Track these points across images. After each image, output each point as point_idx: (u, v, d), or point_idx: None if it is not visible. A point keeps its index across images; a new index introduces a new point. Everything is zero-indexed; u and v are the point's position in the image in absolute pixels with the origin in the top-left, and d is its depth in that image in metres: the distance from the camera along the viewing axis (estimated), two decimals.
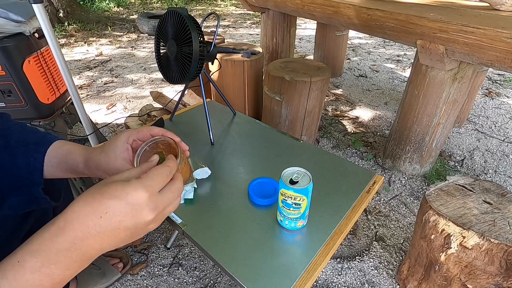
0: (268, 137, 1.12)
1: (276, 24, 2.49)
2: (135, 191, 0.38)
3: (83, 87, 2.67)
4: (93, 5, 5.76)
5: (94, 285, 1.05)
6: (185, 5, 6.54)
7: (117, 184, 0.39)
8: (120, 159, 0.56)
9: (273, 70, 1.62)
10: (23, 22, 1.19)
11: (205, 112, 1.07)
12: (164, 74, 1.04)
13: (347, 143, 1.93)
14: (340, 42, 2.70)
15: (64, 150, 0.60)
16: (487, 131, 2.08)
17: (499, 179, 1.66)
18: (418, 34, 1.30)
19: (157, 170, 0.42)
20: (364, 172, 0.95)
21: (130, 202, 0.38)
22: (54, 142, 0.61)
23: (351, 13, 1.59)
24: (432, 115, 1.45)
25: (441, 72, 1.34)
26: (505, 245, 0.79)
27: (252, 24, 5.00)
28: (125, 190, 0.38)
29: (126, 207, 0.38)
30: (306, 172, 0.70)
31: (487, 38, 1.09)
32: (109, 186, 0.38)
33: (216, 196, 0.85)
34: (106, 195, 0.37)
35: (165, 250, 1.23)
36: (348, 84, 2.77)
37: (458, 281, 0.91)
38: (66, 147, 0.61)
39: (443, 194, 0.97)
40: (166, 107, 1.66)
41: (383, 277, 1.15)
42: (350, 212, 0.81)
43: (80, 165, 0.58)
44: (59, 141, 0.62)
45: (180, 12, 0.90)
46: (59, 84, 1.41)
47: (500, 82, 2.80)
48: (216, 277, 1.13)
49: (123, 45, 3.83)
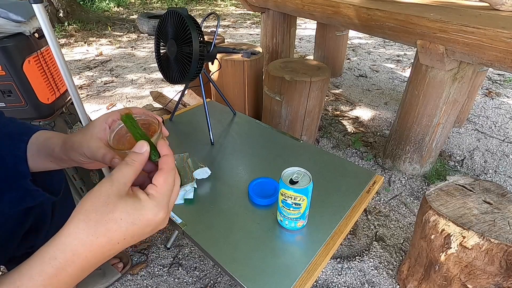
0: (268, 137, 1.12)
1: (276, 24, 2.49)
2: (155, 216, 0.38)
3: (83, 87, 2.67)
4: (93, 5, 5.76)
5: (94, 285, 1.05)
6: (185, 5, 6.54)
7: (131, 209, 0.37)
8: (96, 138, 0.52)
9: (273, 70, 1.62)
10: (23, 22, 1.19)
11: (205, 112, 1.07)
12: (164, 74, 1.04)
13: (347, 143, 1.93)
14: (340, 42, 2.70)
15: (43, 137, 0.59)
16: (487, 131, 2.08)
17: (499, 179, 1.66)
18: (418, 34, 1.30)
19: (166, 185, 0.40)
20: (364, 172, 0.95)
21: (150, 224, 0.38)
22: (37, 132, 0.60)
23: (351, 13, 1.59)
24: (432, 115, 1.45)
25: (441, 72, 1.34)
26: (505, 245, 0.79)
27: (252, 24, 5.00)
28: (144, 217, 0.37)
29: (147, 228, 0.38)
30: (306, 172, 0.70)
31: (487, 38, 1.09)
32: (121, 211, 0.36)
33: (216, 196, 0.85)
34: (122, 224, 0.36)
35: (165, 250, 1.23)
36: (348, 84, 2.77)
37: (458, 281, 0.91)
38: (47, 134, 0.60)
39: (443, 194, 0.97)
40: (166, 107, 1.66)
41: (383, 277, 1.15)
42: (350, 212, 0.81)
43: (56, 148, 0.55)
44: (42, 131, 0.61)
45: (180, 12, 0.90)
46: (59, 84, 1.41)
47: (500, 82, 2.80)
48: (216, 277, 1.13)
49: (123, 45, 3.83)
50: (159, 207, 0.38)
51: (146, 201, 0.38)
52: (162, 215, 0.39)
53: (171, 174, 0.41)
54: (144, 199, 0.38)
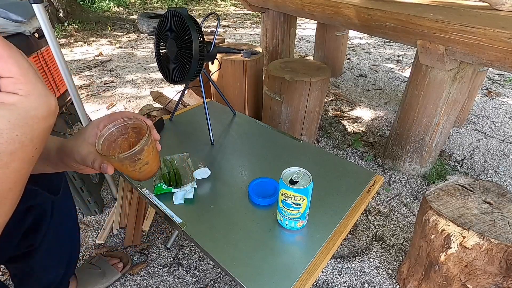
0: (268, 137, 1.12)
1: (276, 24, 2.49)
2: (49, 108, 0.33)
3: (83, 87, 2.67)
4: (93, 5, 5.76)
5: (94, 285, 1.05)
6: (185, 5, 6.54)
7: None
8: (87, 144, 0.52)
9: (273, 70, 1.62)
10: (23, 22, 1.19)
11: (205, 112, 1.07)
12: (164, 74, 1.04)
13: (347, 143, 1.93)
14: (340, 42, 2.70)
15: None
16: (487, 131, 2.08)
17: (499, 179, 1.66)
18: (418, 34, 1.30)
19: (26, 65, 0.31)
20: (364, 172, 0.95)
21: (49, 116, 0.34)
22: None
23: (351, 13, 1.59)
24: (432, 115, 1.45)
25: (441, 72, 1.34)
26: (505, 245, 0.79)
27: (252, 24, 5.00)
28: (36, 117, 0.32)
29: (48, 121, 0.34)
30: (306, 172, 0.70)
31: (487, 38, 1.09)
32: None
33: (216, 196, 0.85)
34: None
35: (165, 250, 1.23)
36: (348, 84, 2.77)
37: (458, 281, 0.91)
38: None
39: (443, 194, 0.97)
40: (166, 107, 1.66)
41: (383, 277, 1.15)
42: (350, 212, 0.81)
43: (52, 152, 0.56)
44: None
45: (180, 12, 0.90)
46: (59, 84, 1.41)
47: (500, 82, 2.80)
48: (216, 277, 1.13)
49: (123, 45, 3.83)
50: (42, 97, 0.32)
51: (23, 102, 0.31)
52: (53, 101, 0.33)
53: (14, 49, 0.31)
54: (20, 100, 0.31)
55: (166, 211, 0.79)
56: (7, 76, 0.30)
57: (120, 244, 1.25)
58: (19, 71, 0.30)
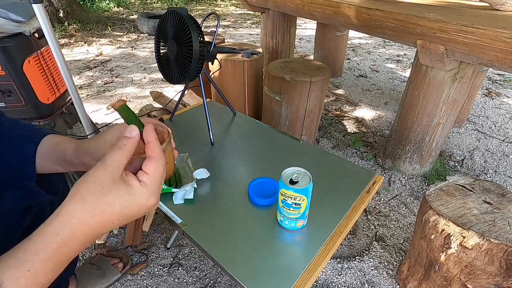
0: (268, 137, 1.12)
1: (276, 24, 2.49)
2: (147, 201, 0.41)
3: (83, 87, 2.67)
4: (93, 5, 5.76)
5: (94, 285, 1.05)
6: (185, 5, 6.54)
7: (124, 194, 0.39)
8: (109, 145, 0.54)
9: (273, 70, 1.62)
10: (23, 22, 1.19)
11: (205, 112, 1.07)
12: (164, 74, 1.04)
13: (347, 143, 1.93)
14: (340, 42, 2.70)
15: (54, 141, 0.60)
16: (487, 131, 2.08)
17: (499, 179, 1.66)
18: (418, 34, 1.30)
19: (157, 173, 0.42)
20: (364, 172, 0.95)
21: (141, 208, 0.41)
22: (48, 135, 0.61)
23: (351, 13, 1.59)
24: (432, 115, 1.45)
25: (441, 72, 1.34)
26: (505, 245, 0.79)
27: (252, 24, 5.00)
28: (136, 202, 0.40)
29: (139, 211, 0.41)
30: (306, 172, 0.70)
31: (487, 38, 1.09)
32: (115, 194, 0.39)
33: (216, 196, 0.85)
34: (116, 207, 0.39)
35: (165, 250, 1.23)
36: (348, 84, 2.77)
37: (458, 281, 0.91)
38: (58, 138, 0.61)
39: (443, 194, 0.97)
40: (166, 107, 1.66)
41: (383, 277, 1.15)
42: (350, 212, 0.81)
43: (69, 151, 0.57)
44: (52, 134, 0.62)
45: (180, 12, 0.90)
46: (59, 84, 1.41)
47: (500, 82, 2.80)
48: (216, 277, 1.13)
49: (123, 45, 3.83)
50: (150, 193, 0.41)
51: (138, 188, 0.40)
52: (153, 200, 0.42)
53: (161, 162, 0.42)
54: (137, 186, 0.40)
55: (166, 211, 0.79)
56: (146, 171, 0.41)
57: (120, 244, 1.25)
58: (154, 172, 0.42)
